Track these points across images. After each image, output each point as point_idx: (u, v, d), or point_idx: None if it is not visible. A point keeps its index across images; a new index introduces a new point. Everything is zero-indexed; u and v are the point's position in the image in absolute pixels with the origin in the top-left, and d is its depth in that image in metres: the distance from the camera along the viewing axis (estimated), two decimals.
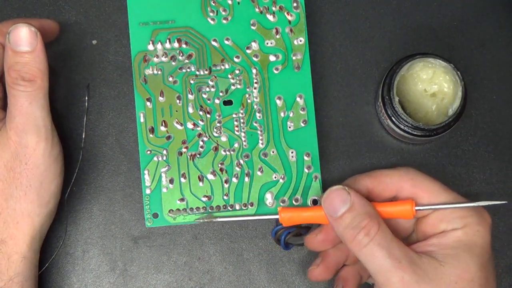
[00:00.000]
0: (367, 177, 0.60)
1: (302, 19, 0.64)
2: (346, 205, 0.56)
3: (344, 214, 0.56)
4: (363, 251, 0.55)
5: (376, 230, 0.55)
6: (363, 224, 0.55)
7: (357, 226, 0.55)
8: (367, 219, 0.55)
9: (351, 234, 0.55)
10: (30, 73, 0.58)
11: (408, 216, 0.58)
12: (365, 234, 0.55)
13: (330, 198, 0.57)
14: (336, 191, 0.57)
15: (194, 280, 0.67)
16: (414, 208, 0.57)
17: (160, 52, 0.64)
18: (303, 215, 0.61)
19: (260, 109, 0.64)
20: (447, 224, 0.57)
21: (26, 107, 0.58)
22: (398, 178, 0.59)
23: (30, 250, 0.60)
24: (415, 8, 0.68)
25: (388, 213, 0.58)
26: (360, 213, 0.56)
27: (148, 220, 0.63)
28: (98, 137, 0.68)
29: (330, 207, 0.57)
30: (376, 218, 0.56)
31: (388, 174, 0.60)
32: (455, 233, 0.56)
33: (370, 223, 0.55)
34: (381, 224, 0.56)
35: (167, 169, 0.63)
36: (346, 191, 0.57)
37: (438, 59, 0.62)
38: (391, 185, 0.59)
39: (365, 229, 0.55)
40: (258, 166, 0.64)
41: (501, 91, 0.68)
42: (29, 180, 0.59)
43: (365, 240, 0.55)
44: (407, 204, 0.57)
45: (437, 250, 0.56)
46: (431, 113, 0.64)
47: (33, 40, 0.58)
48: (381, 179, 0.59)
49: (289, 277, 0.67)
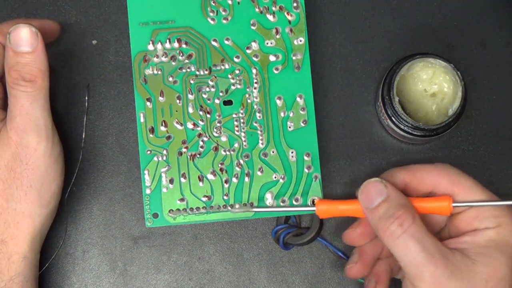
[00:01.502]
0: (405, 171, 0.60)
1: (302, 19, 0.64)
2: (382, 196, 0.56)
3: (380, 205, 0.56)
4: (396, 242, 0.54)
5: (410, 222, 0.54)
6: (398, 215, 0.55)
7: (391, 216, 0.55)
8: (401, 210, 0.55)
9: (385, 225, 0.55)
10: (31, 74, 0.58)
11: (445, 212, 0.57)
12: (399, 224, 0.54)
13: (367, 190, 0.57)
14: (373, 183, 0.57)
15: (194, 280, 0.67)
16: (452, 205, 0.57)
17: (160, 52, 0.64)
18: (339, 208, 0.60)
19: (260, 109, 0.64)
20: (480, 222, 0.56)
21: (26, 107, 0.58)
22: (435, 173, 0.59)
23: (30, 250, 0.60)
24: (415, 8, 0.68)
25: (424, 208, 0.58)
26: (395, 204, 0.56)
27: (148, 220, 0.63)
28: (98, 137, 0.68)
29: (366, 198, 0.57)
30: (410, 210, 0.55)
31: (425, 168, 0.59)
32: (488, 232, 0.56)
33: (404, 214, 0.55)
34: (415, 216, 0.55)
35: (167, 169, 0.63)
36: (383, 183, 0.57)
37: (438, 59, 0.62)
38: (428, 180, 0.59)
39: (399, 220, 0.55)
40: (258, 166, 0.64)
41: (501, 91, 0.68)
42: (29, 181, 0.59)
43: (398, 231, 0.54)
44: (444, 200, 0.57)
45: (470, 248, 0.55)
46: (431, 113, 0.64)
47: (33, 40, 0.58)
48: (418, 173, 0.59)
49: (289, 277, 0.67)
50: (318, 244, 0.67)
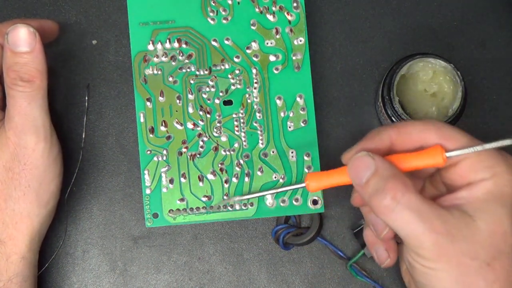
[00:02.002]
0: (390, 128, 0.56)
1: (302, 19, 0.64)
2: (370, 170, 0.54)
3: (369, 179, 0.53)
4: (392, 216, 0.52)
5: (402, 192, 0.52)
6: (388, 187, 0.52)
7: (382, 190, 0.52)
8: (391, 181, 0.52)
9: (377, 200, 0.52)
10: (29, 74, 0.58)
11: (439, 162, 0.54)
12: (391, 198, 0.52)
13: (355, 166, 0.54)
14: (360, 158, 0.54)
15: (194, 280, 0.67)
16: (445, 154, 0.54)
17: (160, 52, 0.64)
18: (330, 181, 0.57)
19: (260, 109, 0.64)
20: (475, 174, 0.53)
21: (25, 108, 0.58)
22: (422, 127, 0.55)
23: (29, 251, 0.60)
24: (415, 8, 0.68)
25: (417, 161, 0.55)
26: (384, 176, 0.53)
27: (148, 220, 0.63)
28: (98, 137, 0.68)
29: (356, 175, 0.54)
30: (401, 179, 0.53)
31: (412, 123, 0.56)
32: (485, 183, 0.53)
33: (396, 185, 0.52)
34: (407, 185, 0.52)
35: (167, 169, 0.63)
36: (370, 156, 0.54)
37: (438, 59, 0.62)
38: (415, 135, 0.55)
39: (391, 192, 0.52)
40: (258, 166, 0.64)
41: (501, 91, 0.67)
42: (28, 181, 0.59)
43: (392, 205, 0.52)
44: (436, 150, 0.54)
45: (467, 204, 0.53)
46: (431, 113, 0.64)
47: (32, 40, 0.58)
48: (405, 129, 0.56)
49: (289, 277, 0.67)
50: (318, 244, 0.67)
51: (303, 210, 0.64)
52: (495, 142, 0.53)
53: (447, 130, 0.55)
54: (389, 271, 0.67)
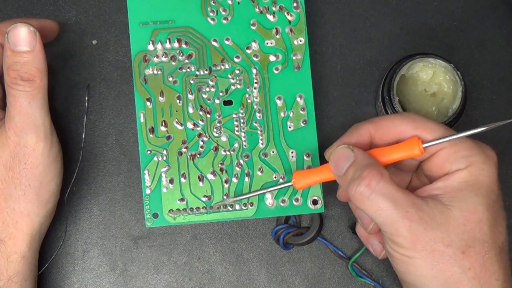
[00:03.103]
0: (368, 123, 0.58)
1: (302, 19, 0.64)
2: (350, 160, 0.55)
3: (348, 169, 0.55)
4: (367, 203, 0.53)
5: (378, 180, 0.53)
6: (364, 174, 0.53)
7: (358, 177, 0.54)
8: (367, 169, 0.54)
9: (353, 187, 0.54)
10: (29, 73, 0.58)
11: (416, 153, 0.55)
12: (366, 185, 0.53)
13: (336, 158, 0.56)
14: (341, 150, 0.56)
15: (194, 280, 0.67)
16: (422, 146, 0.55)
17: (160, 52, 0.64)
18: (315, 177, 0.59)
19: (260, 109, 0.64)
20: (451, 164, 0.55)
21: (25, 107, 0.58)
22: (399, 121, 0.57)
23: (29, 250, 0.60)
24: (415, 8, 0.68)
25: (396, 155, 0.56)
26: (361, 165, 0.54)
27: (148, 220, 0.63)
28: (98, 137, 0.68)
29: (336, 166, 0.56)
30: (377, 168, 0.54)
31: (389, 118, 0.58)
32: (460, 173, 0.54)
33: (371, 173, 0.53)
34: (383, 174, 0.54)
35: (167, 169, 0.63)
36: (350, 148, 0.56)
37: (438, 59, 0.62)
38: (393, 129, 0.57)
39: (366, 180, 0.53)
40: (258, 166, 0.64)
41: (501, 91, 0.68)
42: (28, 180, 0.59)
43: (367, 192, 0.53)
44: (413, 141, 0.55)
45: (443, 194, 0.54)
46: (431, 113, 0.64)
47: (32, 40, 0.58)
48: (382, 123, 0.57)
49: (289, 277, 0.67)
50: (318, 244, 0.67)
51: (303, 210, 0.64)
52: (469, 131, 0.54)
53: (422, 121, 0.56)
54: (389, 271, 0.67)
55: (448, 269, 0.52)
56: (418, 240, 0.52)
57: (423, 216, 0.52)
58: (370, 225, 0.59)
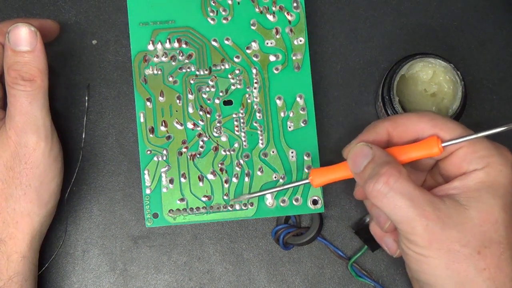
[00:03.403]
0: (386, 121, 0.58)
1: (302, 19, 0.64)
2: (368, 158, 0.55)
3: (366, 166, 0.55)
4: (384, 201, 0.53)
5: (395, 178, 0.53)
6: (382, 172, 0.53)
7: (376, 174, 0.53)
8: (385, 167, 0.53)
9: (371, 184, 0.53)
10: (30, 73, 0.58)
11: (435, 152, 0.55)
12: (384, 182, 0.53)
13: (354, 155, 0.56)
14: (358, 147, 0.56)
15: (194, 280, 0.67)
16: (441, 145, 0.55)
17: (160, 52, 0.64)
18: (332, 175, 0.59)
19: (260, 109, 0.64)
20: (468, 164, 0.54)
21: (25, 107, 0.58)
22: (417, 119, 0.57)
23: (29, 250, 0.60)
24: (415, 8, 0.68)
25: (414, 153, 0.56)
26: (379, 163, 0.54)
27: (148, 220, 0.63)
28: (98, 137, 0.68)
29: (354, 163, 0.56)
30: (395, 166, 0.54)
31: (407, 116, 0.58)
32: (477, 174, 0.54)
33: (389, 171, 0.53)
34: (401, 171, 0.54)
35: (167, 169, 0.63)
36: (368, 146, 0.56)
37: (438, 59, 0.62)
38: (411, 127, 0.57)
39: (384, 177, 0.53)
40: (258, 166, 0.64)
41: (501, 91, 0.68)
42: (28, 180, 0.59)
43: (384, 189, 0.53)
44: (432, 140, 0.55)
45: (460, 193, 0.54)
46: None
47: (32, 39, 0.58)
48: (400, 121, 0.57)
49: (289, 277, 0.67)
50: (318, 244, 0.67)
51: (303, 210, 0.64)
52: (488, 131, 0.54)
53: (441, 120, 0.56)
54: (389, 271, 0.67)
55: (463, 269, 0.52)
56: (434, 239, 0.52)
57: (440, 215, 0.52)
58: (386, 224, 0.58)
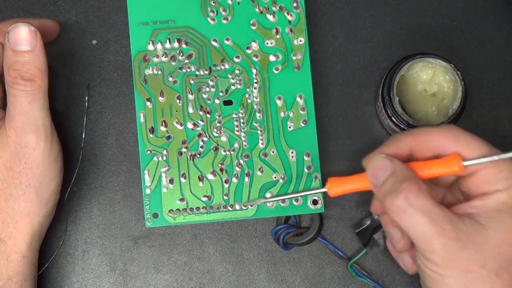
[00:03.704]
0: (409, 135, 0.57)
1: (302, 19, 0.64)
2: (388, 171, 0.54)
3: (386, 180, 0.54)
4: (404, 217, 0.52)
5: (416, 195, 0.52)
6: (402, 188, 0.53)
7: (396, 190, 0.53)
8: (406, 182, 0.53)
9: (391, 199, 0.53)
10: (30, 73, 0.58)
11: (456, 171, 0.54)
12: (404, 198, 0.52)
13: (373, 167, 0.55)
14: (379, 160, 0.55)
15: (194, 280, 0.67)
16: (462, 163, 0.54)
17: (160, 52, 0.64)
18: (350, 186, 0.58)
19: (260, 109, 0.64)
20: (490, 185, 0.54)
21: (25, 107, 0.58)
22: (440, 135, 0.56)
23: (29, 250, 0.60)
24: (415, 8, 0.68)
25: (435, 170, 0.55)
26: (400, 178, 0.54)
27: (148, 220, 0.63)
28: (98, 137, 0.68)
29: (373, 176, 0.55)
30: (416, 182, 0.53)
31: (430, 131, 0.56)
32: (499, 195, 0.53)
33: (409, 187, 0.52)
34: (421, 188, 0.53)
35: (167, 169, 0.63)
36: (389, 159, 0.55)
37: (438, 59, 0.62)
38: (433, 142, 0.56)
39: (404, 193, 0.52)
40: (258, 166, 0.64)
41: (501, 91, 0.68)
42: (28, 180, 0.59)
43: (404, 205, 0.52)
44: (453, 158, 0.54)
45: (480, 213, 0.53)
46: (431, 113, 0.64)
47: (32, 39, 0.58)
48: (423, 136, 0.56)
49: (289, 277, 0.67)
50: (318, 244, 0.67)
51: (303, 210, 0.64)
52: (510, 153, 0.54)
53: (465, 137, 0.55)
54: (389, 271, 0.67)
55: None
56: (452, 258, 0.51)
57: (459, 234, 0.52)
58: (399, 243, 0.58)
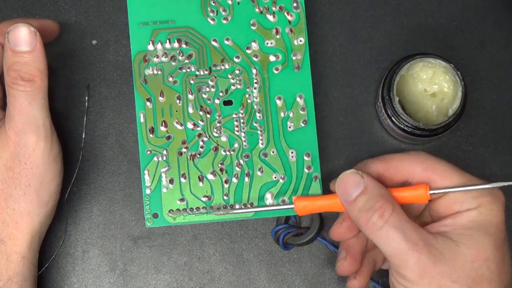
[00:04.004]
0: (378, 161, 0.59)
1: (302, 19, 0.64)
2: (360, 188, 0.56)
3: (358, 197, 0.55)
4: (378, 233, 0.54)
5: (390, 212, 0.54)
6: (377, 206, 0.54)
7: (371, 208, 0.54)
8: (381, 201, 0.54)
9: (365, 217, 0.54)
10: (30, 73, 0.58)
11: (422, 200, 0.57)
12: (379, 216, 0.54)
13: (344, 182, 0.56)
14: (349, 175, 0.56)
15: (194, 280, 0.67)
16: (429, 192, 0.56)
17: (160, 52, 0.64)
18: (317, 203, 0.60)
19: (260, 109, 0.64)
20: (461, 204, 0.55)
21: (25, 107, 0.58)
22: (409, 161, 0.58)
23: (29, 250, 0.60)
24: (415, 8, 0.68)
25: (402, 198, 0.57)
26: (373, 195, 0.55)
27: (148, 220, 0.63)
28: (98, 137, 0.68)
29: (344, 191, 0.56)
30: (390, 200, 0.55)
31: (398, 158, 0.58)
32: (470, 213, 0.55)
33: (384, 205, 0.54)
34: (395, 206, 0.55)
35: (167, 169, 0.63)
36: (359, 174, 0.56)
37: (438, 59, 0.62)
38: (402, 169, 0.58)
39: (379, 211, 0.54)
40: (258, 166, 0.64)
41: (501, 91, 0.67)
42: (28, 180, 0.59)
43: (379, 222, 0.54)
44: (421, 188, 0.56)
45: (452, 231, 0.55)
46: (431, 113, 0.64)
47: (32, 40, 0.58)
48: (392, 163, 0.58)
49: (289, 277, 0.67)
50: (318, 244, 0.67)
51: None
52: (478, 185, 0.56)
53: (433, 163, 0.57)
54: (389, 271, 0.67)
55: None
56: (425, 274, 0.53)
57: (432, 250, 0.53)
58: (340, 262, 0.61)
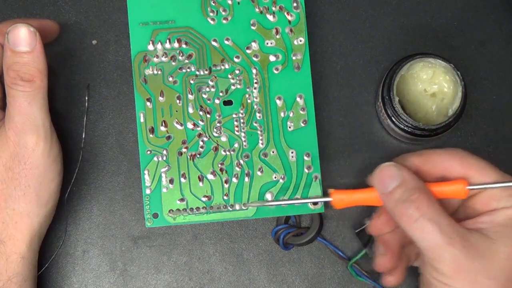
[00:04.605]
0: (416, 156, 0.58)
1: (302, 19, 0.64)
2: (397, 180, 0.55)
3: (395, 189, 0.55)
4: (414, 226, 0.54)
5: (427, 205, 0.54)
6: (413, 198, 0.54)
7: (407, 200, 0.54)
8: (417, 193, 0.54)
9: (401, 209, 0.54)
10: (29, 73, 0.58)
11: (460, 195, 0.56)
12: (416, 208, 0.54)
13: (381, 174, 0.56)
14: (387, 167, 0.56)
15: (194, 280, 0.67)
16: (467, 188, 0.56)
17: (160, 52, 0.64)
18: (354, 196, 0.59)
19: (260, 109, 0.64)
20: (497, 202, 0.55)
21: (25, 107, 0.58)
22: (447, 157, 0.58)
23: (29, 250, 0.60)
24: (415, 8, 0.68)
25: (439, 193, 0.57)
26: (410, 187, 0.55)
27: (148, 220, 0.63)
28: (98, 137, 0.68)
29: (381, 183, 0.56)
30: (426, 193, 0.55)
31: (436, 153, 0.58)
32: (506, 211, 0.55)
33: (421, 197, 0.54)
34: (431, 199, 0.54)
35: (167, 169, 0.63)
36: (397, 167, 0.56)
37: (438, 59, 0.62)
38: (440, 164, 0.58)
39: (416, 203, 0.54)
40: (258, 166, 0.64)
41: (501, 91, 0.67)
42: (28, 180, 0.59)
43: (415, 214, 0.53)
44: (459, 183, 0.56)
45: (488, 228, 0.54)
46: (431, 113, 0.64)
47: (32, 40, 0.58)
48: (430, 157, 0.58)
49: (289, 277, 0.67)
50: (318, 244, 0.67)
51: (303, 210, 0.64)
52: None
53: (471, 160, 0.57)
54: None
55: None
56: (460, 269, 0.52)
57: (467, 246, 0.53)
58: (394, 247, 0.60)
